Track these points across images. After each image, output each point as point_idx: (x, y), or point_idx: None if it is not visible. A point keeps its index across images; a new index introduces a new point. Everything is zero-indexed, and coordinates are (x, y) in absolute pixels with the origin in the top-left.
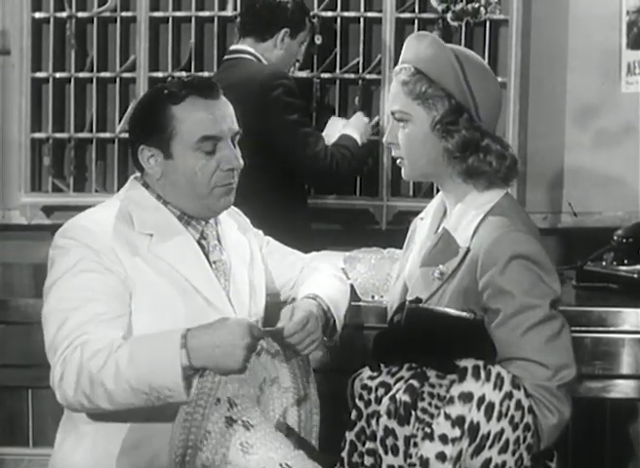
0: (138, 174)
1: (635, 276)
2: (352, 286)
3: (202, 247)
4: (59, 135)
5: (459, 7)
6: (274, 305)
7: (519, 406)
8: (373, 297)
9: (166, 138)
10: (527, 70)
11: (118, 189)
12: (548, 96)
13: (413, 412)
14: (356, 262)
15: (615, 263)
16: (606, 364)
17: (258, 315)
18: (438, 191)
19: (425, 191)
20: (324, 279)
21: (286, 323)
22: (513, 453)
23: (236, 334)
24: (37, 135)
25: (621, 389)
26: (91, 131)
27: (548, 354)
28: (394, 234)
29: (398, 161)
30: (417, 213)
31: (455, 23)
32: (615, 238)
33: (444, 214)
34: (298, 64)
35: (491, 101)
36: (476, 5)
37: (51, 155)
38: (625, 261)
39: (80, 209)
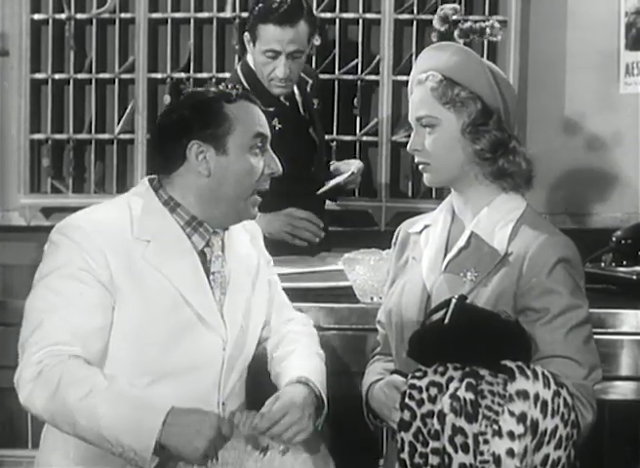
0: (151, 176)
1: (634, 277)
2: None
3: (204, 255)
4: (58, 136)
5: (467, 25)
6: None
7: (566, 403)
8: (372, 299)
9: (222, 134)
10: (525, 71)
11: (117, 190)
12: (547, 97)
13: (479, 410)
14: (355, 264)
15: (613, 265)
16: (605, 365)
17: (251, 334)
18: (437, 193)
19: (424, 192)
20: (312, 360)
21: (260, 418)
22: (565, 449)
23: (204, 424)
24: (36, 136)
25: (620, 391)
26: (90, 132)
27: (585, 354)
28: (393, 235)
29: (421, 167)
30: (416, 214)
31: (461, 41)
32: (613, 239)
33: (452, 221)
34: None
35: (514, 105)
36: (484, 25)
37: (50, 156)
38: (624, 263)
39: (79, 210)
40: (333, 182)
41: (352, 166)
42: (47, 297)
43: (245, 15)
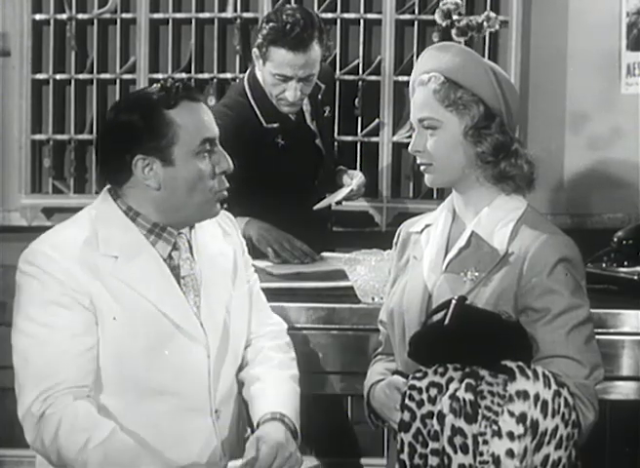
0: (109, 186)
1: (635, 278)
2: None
3: (172, 259)
4: (59, 136)
5: (463, 23)
6: None
7: (567, 403)
8: (373, 299)
9: (166, 145)
10: (527, 72)
11: None
12: (548, 97)
13: (479, 410)
14: (356, 264)
15: (615, 265)
16: (606, 365)
17: (235, 335)
18: (439, 193)
19: (425, 193)
20: (286, 387)
21: (251, 466)
22: (566, 449)
23: None
24: (37, 136)
25: (621, 390)
26: (91, 132)
27: (587, 353)
28: (394, 236)
29: (423, 168)
30: (417, 214)
31: (460, 39)
32: (614, 240)
33: (453, 220)
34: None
35: (516, 108)
36: (479, 19)
37: (51, 157)
38: (625, 263)
39: (80, 210)
40: (330, 200)
41: (354, 180)
42: (31, 330)
43: (246, 15)
